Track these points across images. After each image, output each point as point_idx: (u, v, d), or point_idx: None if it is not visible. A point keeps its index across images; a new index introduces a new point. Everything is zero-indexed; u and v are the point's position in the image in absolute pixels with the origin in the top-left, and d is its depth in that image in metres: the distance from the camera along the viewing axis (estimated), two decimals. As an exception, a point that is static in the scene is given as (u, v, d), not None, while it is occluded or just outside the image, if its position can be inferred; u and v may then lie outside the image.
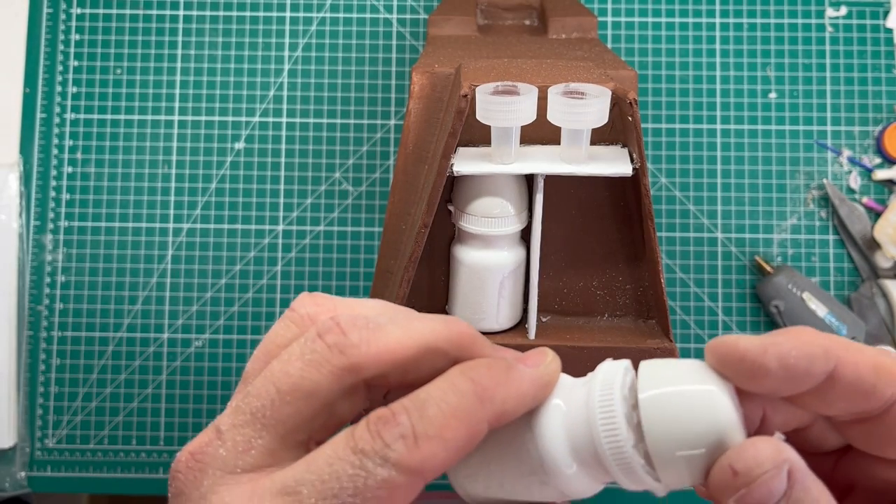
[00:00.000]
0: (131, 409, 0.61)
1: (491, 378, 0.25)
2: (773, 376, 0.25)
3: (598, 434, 0.25)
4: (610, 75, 0.39)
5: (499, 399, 0.25)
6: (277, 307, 0.61)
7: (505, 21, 0.57)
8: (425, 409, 0.24)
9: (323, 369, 0.25)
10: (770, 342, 0.25)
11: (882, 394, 0.25)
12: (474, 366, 0.25)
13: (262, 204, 0.62)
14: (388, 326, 0.25)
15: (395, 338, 0.25)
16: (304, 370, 0.25)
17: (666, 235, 0.61)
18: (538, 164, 0.38)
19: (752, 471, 0.24)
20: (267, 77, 0.63)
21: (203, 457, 0.25)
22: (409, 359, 0.25)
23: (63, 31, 0.63)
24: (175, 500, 0.26)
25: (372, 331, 0.25)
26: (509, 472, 0.27)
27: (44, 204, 0.62)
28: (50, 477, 0.60)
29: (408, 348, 0.25)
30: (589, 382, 0.26)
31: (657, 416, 0.24)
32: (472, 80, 0.37)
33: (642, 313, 0.43)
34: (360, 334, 0.25)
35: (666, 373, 0.25)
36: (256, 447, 0.25)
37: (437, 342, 0.26)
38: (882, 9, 0.62)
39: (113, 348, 0.61)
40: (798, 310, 0.58)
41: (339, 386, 0.25)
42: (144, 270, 0.61)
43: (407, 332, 0.25)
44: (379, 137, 0.62)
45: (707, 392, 0.24)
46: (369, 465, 0.23)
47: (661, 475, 0.25)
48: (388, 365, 0.25)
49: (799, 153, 0.62)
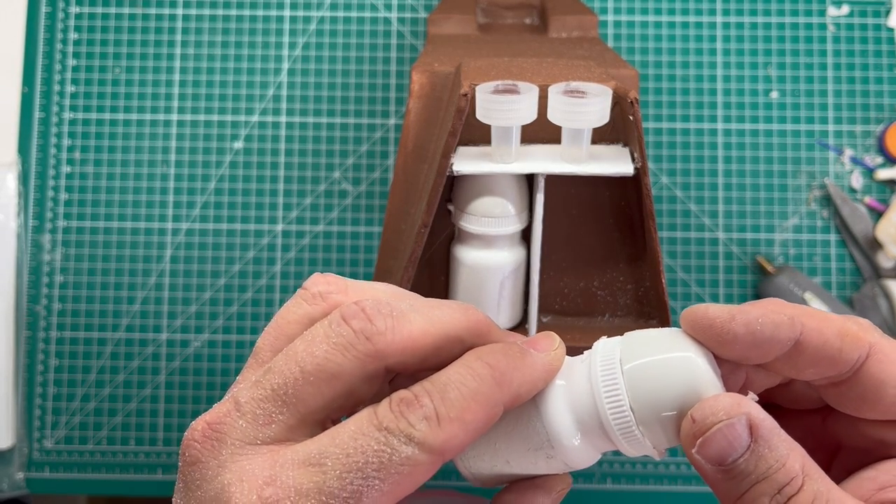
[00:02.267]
0: (130, 410, 0.60)
1: (507, 363, 0.26)
2: (740, 342, 0.26)
3: (602, 404, 0.27)
4: (611, 74, 0.39)
5: (515, 383, 0.26)
6: (277, 307, 0.61)
7: (505, 20, 0.57)
8: (447, 391, 0.25)
9: (348, 354, 0.25)
10: (738, 310, 0.26)
11: (848, 357, 0.26)
12: (491, 351, 0.26)
13: (262, 204, 0.62)
14: (410, 315, 0.26)
15: (418, 327, 0.26)
16: (330, 353, 0.25)
17: (667, 235, 0.61)
18: (539, 164, 0.37)
19: (707, 419, 0.25)
20: (266, 76, 0.63)
21: (222, 426, 0.26)
22: (430, 347, 0.26)
23: (61, 31, 0.63)
24: (190, 468, 0.26)
25: (396, 318, 0.26)
26: (515, 450, 0.28)
27: (42, 204, 0.62)
28: (48, 478, 0.60)
29: (430, 337, 0.26)
30: (588, 359, 0.28)
31: (640, 384, 0.26)
32: (473, 79, 0.37)
33: (643, 313, 0.43)
34: (386, 322, 0.26)
35: (647, 342, 0.27)
36: (277, 422, 0.25)
37: (457, 331, 0.27)
38: (884, 7, 0.62)
39: (111, 349, 0.61)
40: (799, 310, 0.57)
41: (363, 371, 0.26)
42: (143, 270, 0.61)
43: (429, 321, 0.26)
44: (379, 137, 0.62)
45: (683, 358, 0.26)
46: (394, 443, 0.24)
47: (649, 438, 0.27)
48: (411, 353, 0.26)
49: (800, 153, 0.61)
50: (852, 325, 0.27)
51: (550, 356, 0.27)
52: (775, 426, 0.25)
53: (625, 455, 0.29)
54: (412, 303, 0.27)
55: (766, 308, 0.26)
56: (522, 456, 0.28)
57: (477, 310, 0.28)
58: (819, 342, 0.26)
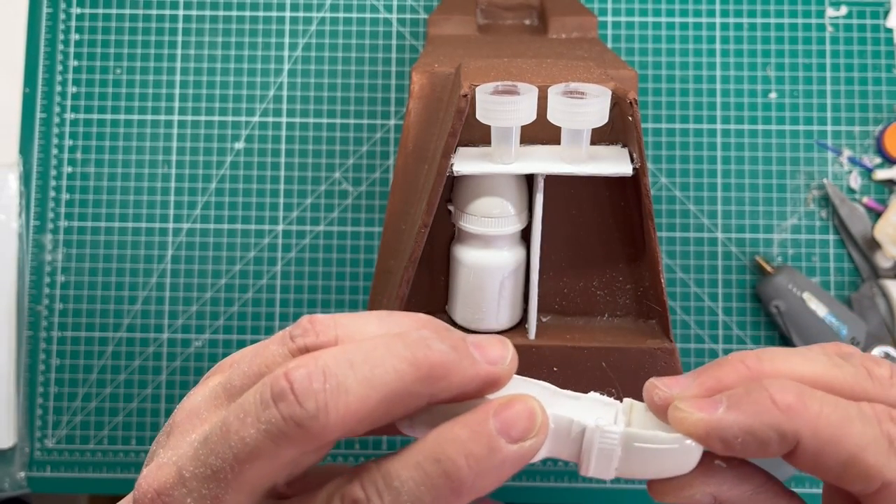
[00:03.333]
0: (131, 410, 0.61)
1: (469, 468, 0.23)
2: (720, 451, 0.25)
3: (592, 450, 0.27)
4: (610, 75, 0.39)
5: (476, 487, 0.24)
6: (277, 307, 0.61)
7: (505, 20, 0.57)
8: (399, 498, 0.23)
9: (280, 441, 0.23)
10: (714, 425, 0.24)
11: (851, 489, 0.24)
12: (449, 452, 0.24)
13: (262, 204, 0.62)
14: (348, 383, 0.23)
15: (356, 397, 0.23)
16: (260, 441, 0.24)
17: (666, 235, 0.61)
18: (538, 164, 0.38)
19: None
20: (267, 77, 0.63)
21: (171, 500, 0.25)
22: (376, 413, 0.24)
23: (63, 31, 0.63)
24: None
25: (330, 393, 0.23)
26: None
27: (43, 204, 0.62)
28: (49, 477, 0.60)
29: (373, 402, 0.24)
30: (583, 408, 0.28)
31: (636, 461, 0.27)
32: (472, 80, 0.37)
33: (643, 313, 0.43)
34: (317, 401, 0.23)
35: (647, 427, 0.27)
36: (225, 501, 0.24)
37: (405, 387, 0.24)
38: (882, 8, 0.62)
39: (113, 348, 0.61)
40: (798, 310, 0.58)
41: (300, 451, 0.24)
42: (144, 270, 0.61)
43: (370, 385, 0.24)
44: (379, 137, 0.62)
45: (675, 450, 0.26)
46: None
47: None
48: (354, 425, 0.24)
49: (799, 153, 0.62)
50: (861, 450, 0.23)
51: (524, 449, 0.24)
52: None
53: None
54: (353, 357, 0.24)
55: (751, 413, 0.24)
56: None
57: (436, 345, 0.24)
58: (813, 466, 0.24)
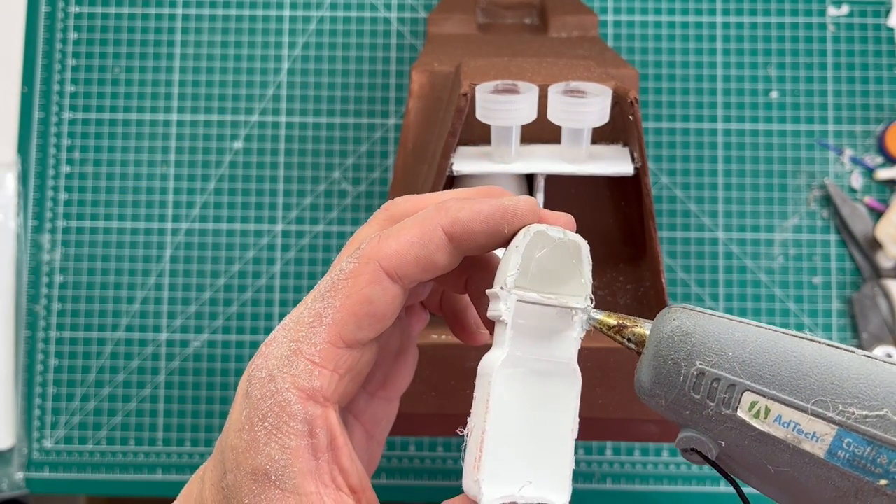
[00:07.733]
0: (129, 410, 0.60)
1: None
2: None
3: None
4: (611, 74, 0.39)
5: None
6: (276, 307, 0.61)
7: (505, 19, 0.57)
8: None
9: (368, 268, 0.29)
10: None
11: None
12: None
13: (261, 204, 0.62)
14: (387, 239, 0.29)
15: (393, 244, 0.29)
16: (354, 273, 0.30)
17: (667, 235, 0.61)
18: (539, 164, 0.37)
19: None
20: (266, 76, 0.63)
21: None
22: (411, 256, 0.29)
23: (61, 30, 0.63)
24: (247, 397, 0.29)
25: (383, 238, 0.29)
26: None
27: (41, 203, 0.62)
28: (47, 478, 0.60)
29: (406, 248, 0.29)
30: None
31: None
32: (472, 79, 0.37)
33: (643, 313, 0.43)
34: (377, 242, 0.30)
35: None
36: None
37: (430, 243, 0.29)
38: (884, 7, 0.62)
39: (111, 349, 0.61)
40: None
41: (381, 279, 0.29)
42: (142, 270, 0.61)
43: (398, 241, 0.29)
44: (378, 137, 0.62)
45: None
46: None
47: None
48: (398, 263, 0.29)
49: (800, 152, 0.61)
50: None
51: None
52: None
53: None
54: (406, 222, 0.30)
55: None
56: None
57: (454, 205, 0.30)
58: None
